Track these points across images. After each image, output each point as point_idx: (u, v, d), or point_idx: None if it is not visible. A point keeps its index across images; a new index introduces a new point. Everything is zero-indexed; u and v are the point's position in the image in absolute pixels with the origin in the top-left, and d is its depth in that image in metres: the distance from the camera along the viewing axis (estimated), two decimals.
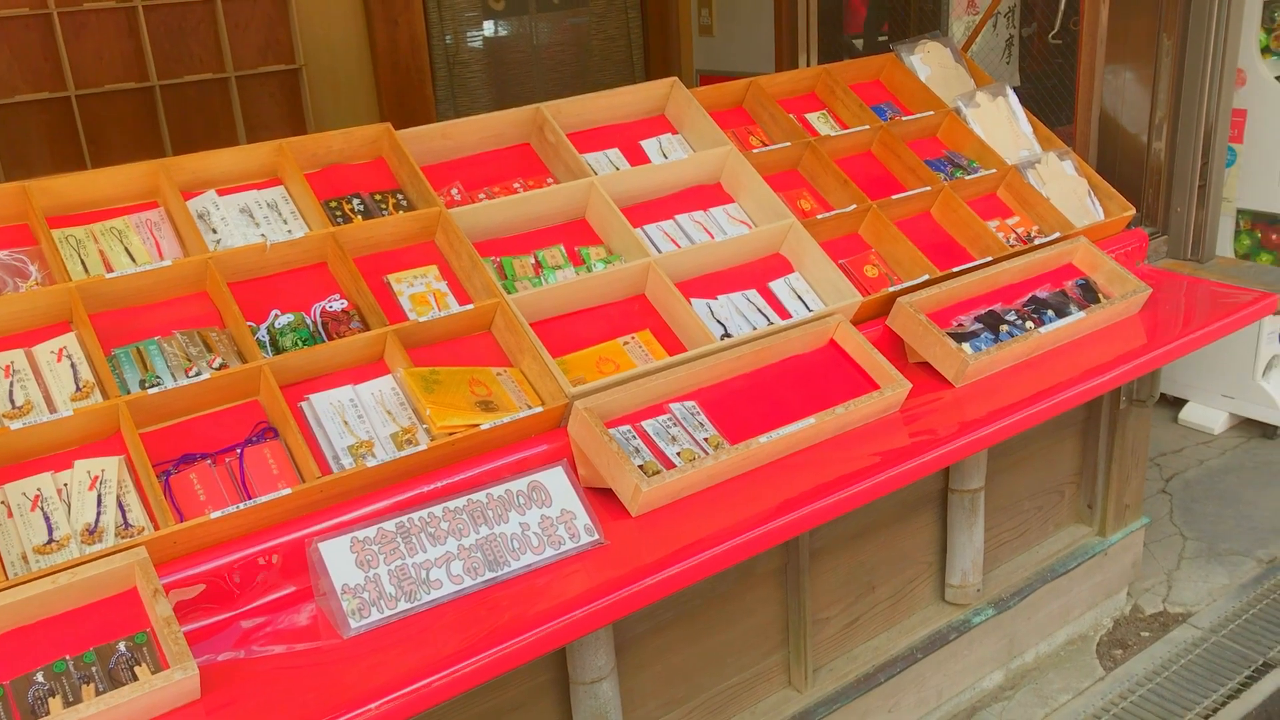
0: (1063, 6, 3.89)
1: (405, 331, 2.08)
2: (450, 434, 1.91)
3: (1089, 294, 2.62)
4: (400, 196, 2.37)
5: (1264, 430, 4.46)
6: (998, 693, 3.12)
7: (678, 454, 2.05)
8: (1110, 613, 3.42)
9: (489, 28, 5.07)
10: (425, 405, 1.93)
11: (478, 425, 1.93)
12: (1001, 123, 3.01)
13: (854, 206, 2.65)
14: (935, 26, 5.27)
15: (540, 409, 2.01)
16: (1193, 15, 2.95)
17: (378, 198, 2.35)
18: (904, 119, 2.95)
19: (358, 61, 4.83)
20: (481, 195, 2.45)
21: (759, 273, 2.54)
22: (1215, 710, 2.98)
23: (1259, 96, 4.18)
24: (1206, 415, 4.56)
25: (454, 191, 2.43)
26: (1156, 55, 3.01)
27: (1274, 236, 4.32)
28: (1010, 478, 3.06)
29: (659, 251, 2.43)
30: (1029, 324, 2.48)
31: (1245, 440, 4.47)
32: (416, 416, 1.98)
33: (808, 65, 4.13)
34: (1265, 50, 4.21)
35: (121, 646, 1.58)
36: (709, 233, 2.57)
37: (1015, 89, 3.10)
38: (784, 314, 2.45)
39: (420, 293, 2.22)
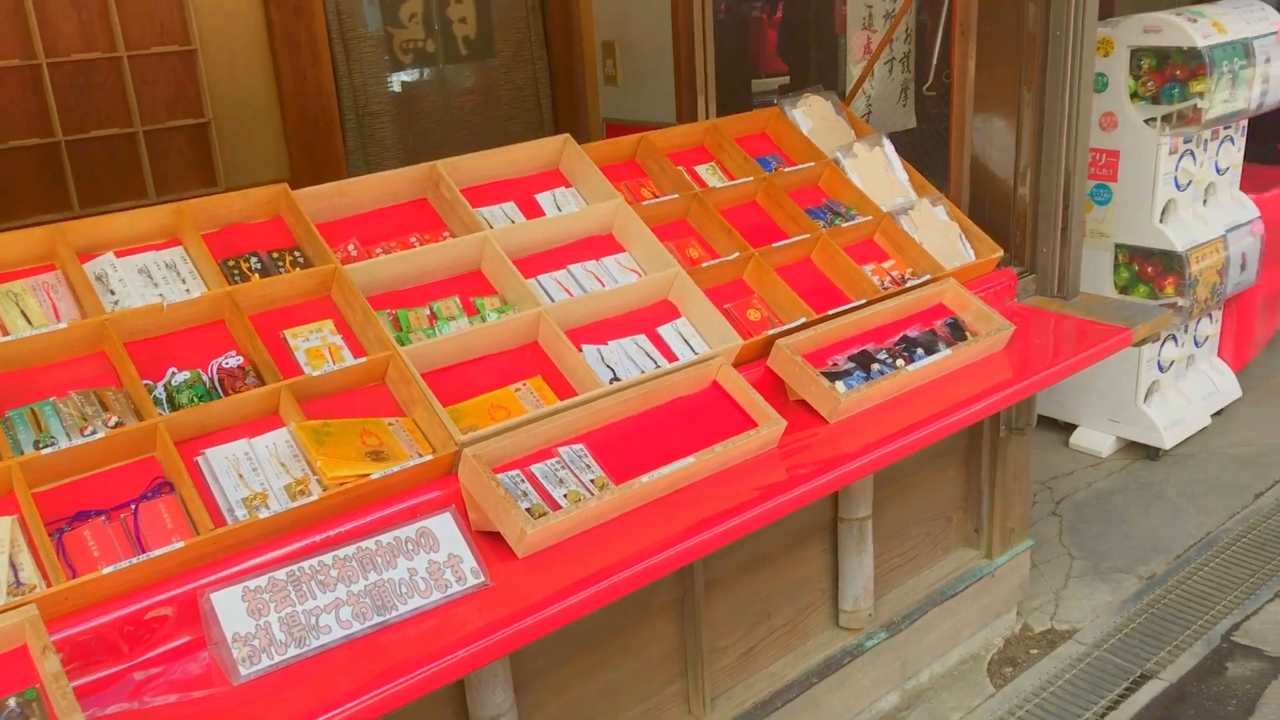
0: (935, 61, 4.14)
1: (299, 385, 2.15)
2: (341, 484, 1.99)
3: (957, 332, 2.80)
4: (297, 254, 2.45)
5: (1147, 452, 4.71)
6: (893, 713, 3.26)
7: (564, 495, 2.16)
8: (1001, 632, 3.59)
9: (398, 79, 5.17)
10: (316, 457, 2.01)
11: (368, 475, 2.01)
12: (878, 171, 3.20)
13: (737, 254, 2.80)
14: (833, 72, 5.51)
15: (430, 457, 2.10)
16: (1049, 69, 3.17)
17: (275, 255, 2.43)
18: (787, 170, 3.12)
19: (267, 114, 4.88)
20: (379, 250, 2.54)
21: (648, 318, 2.66)
22: None
23: (1130, 138, 4.46)
24: (1095, 439, 4.80)
25: (350, 247, 2.51)
26: (1019, 107, 3.23)
27: (1149, 269, 4.58)
28: (897, 505, 3.21)
29: (552, 300, 2.54)
30: (899, 362, 2.64)
31: (1130, 462, 4.71)
32: (310, 468, 2.06)
33: (707, 114, 4.30)
34: (1134, 95, 4.49)
35: (11, 703, 1.63)
36: (600, 281, 2.69)
37: (911, 131, 3.29)
38: (671, 357, 2.57)
39: (315, 347, 2.30)
